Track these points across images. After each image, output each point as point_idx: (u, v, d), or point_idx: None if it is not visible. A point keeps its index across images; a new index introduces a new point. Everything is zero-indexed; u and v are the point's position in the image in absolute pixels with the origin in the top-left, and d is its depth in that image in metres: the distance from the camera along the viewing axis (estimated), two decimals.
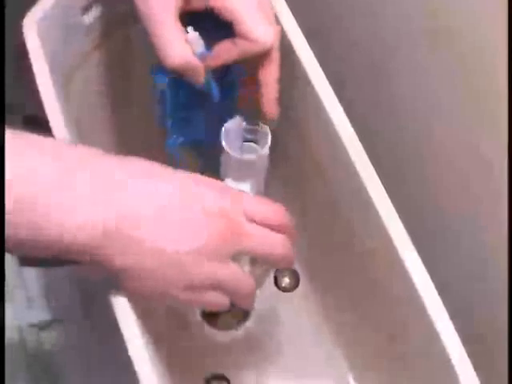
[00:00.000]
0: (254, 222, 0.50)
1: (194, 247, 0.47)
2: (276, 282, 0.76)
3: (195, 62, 0.54)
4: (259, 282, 0.54)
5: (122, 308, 0.50)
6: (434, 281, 0.52)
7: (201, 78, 0.56)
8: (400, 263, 0.53)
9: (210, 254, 0.48)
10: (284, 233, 0.52)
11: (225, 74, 0.57)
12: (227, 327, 0.68)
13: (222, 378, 0.71)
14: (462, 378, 0.50)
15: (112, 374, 0.71)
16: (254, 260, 0.52)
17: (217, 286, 0.49)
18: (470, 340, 0.52)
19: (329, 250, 0.71)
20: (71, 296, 0.79)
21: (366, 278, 0.63)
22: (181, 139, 0.60)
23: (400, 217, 0.54)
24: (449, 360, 0.50)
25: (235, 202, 0.50)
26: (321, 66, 0.58)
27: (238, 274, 0.50)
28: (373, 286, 0.62)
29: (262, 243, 0.50)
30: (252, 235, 0.50)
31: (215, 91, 0.57)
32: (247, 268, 0.52)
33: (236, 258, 0.49)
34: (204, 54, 0.54)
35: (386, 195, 0.55)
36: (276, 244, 0.51)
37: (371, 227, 0.56)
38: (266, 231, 0.51)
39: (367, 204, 0.55)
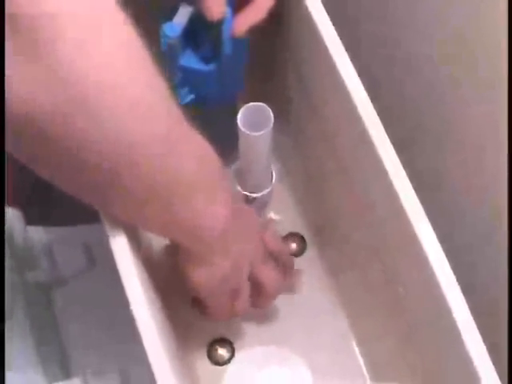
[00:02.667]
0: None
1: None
2: None
3: None
4: None
5: (128, 272, 0.49)
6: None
7: (220, 7, 0.54)
8: (411, 231, 0.52)
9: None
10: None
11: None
12: None
13: (226, 341, 0.71)
14: (468, 344, 0.49)
15: (117, 333, 0.71)
16: None
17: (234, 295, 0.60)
18: (478, 310, 0.51)
19: (337, 216, 0.70)
20: (77, 256, 0.79)
21: (374, 244, 0.62)
22: (190, 96, 0.58)
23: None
24: (457, 329, 0.50)
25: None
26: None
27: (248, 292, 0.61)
28: (382, 251, 0.61)
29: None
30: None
31: (229, 28, 0.55)
32: None
33: None
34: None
35: (400, 163, 0.54)
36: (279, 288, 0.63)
37: (383, 195, 0.55)
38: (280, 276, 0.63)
39: (380, 172, 0.54)
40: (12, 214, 0.75)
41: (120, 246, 0.49)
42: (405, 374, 0.63)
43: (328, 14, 0.57)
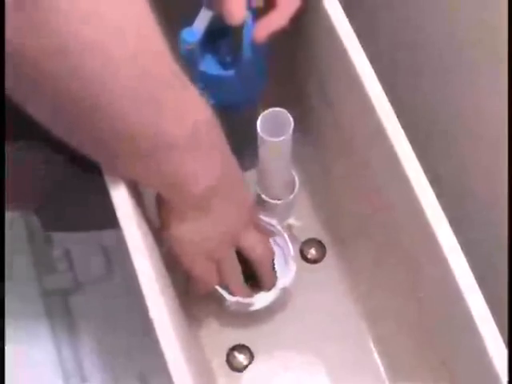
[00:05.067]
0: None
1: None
2: (302, 254, 0.75)
3: None
4: None
5: (147, 276, 0.49)
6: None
7: (241, 11, 0.53)
8: (430, 233, 0.52)
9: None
10: None
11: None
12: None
13: (245, 347, 0.71)
14: (486, 338, 0.49)
15: (136, 339, 0.71)
16: None
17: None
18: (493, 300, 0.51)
19: (357, 221, 0.70)
20: (96, 261, 0.79)
21: (394, 247, 0.62)
22: (210, 101, 0.58)
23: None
24: (478, 332, 0.49)
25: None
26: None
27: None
28: (400, 253, 0.61)
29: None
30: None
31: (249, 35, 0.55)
32: None
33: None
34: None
35: (419, 166, 0.53)
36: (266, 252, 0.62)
37: (403, 199, 0.55)
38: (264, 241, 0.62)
39: (397, 170, 0.54)
40: (32, 219, 0.76)
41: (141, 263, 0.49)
42: (427, 377, 0.63)
43: (346, 6, 0.57)
